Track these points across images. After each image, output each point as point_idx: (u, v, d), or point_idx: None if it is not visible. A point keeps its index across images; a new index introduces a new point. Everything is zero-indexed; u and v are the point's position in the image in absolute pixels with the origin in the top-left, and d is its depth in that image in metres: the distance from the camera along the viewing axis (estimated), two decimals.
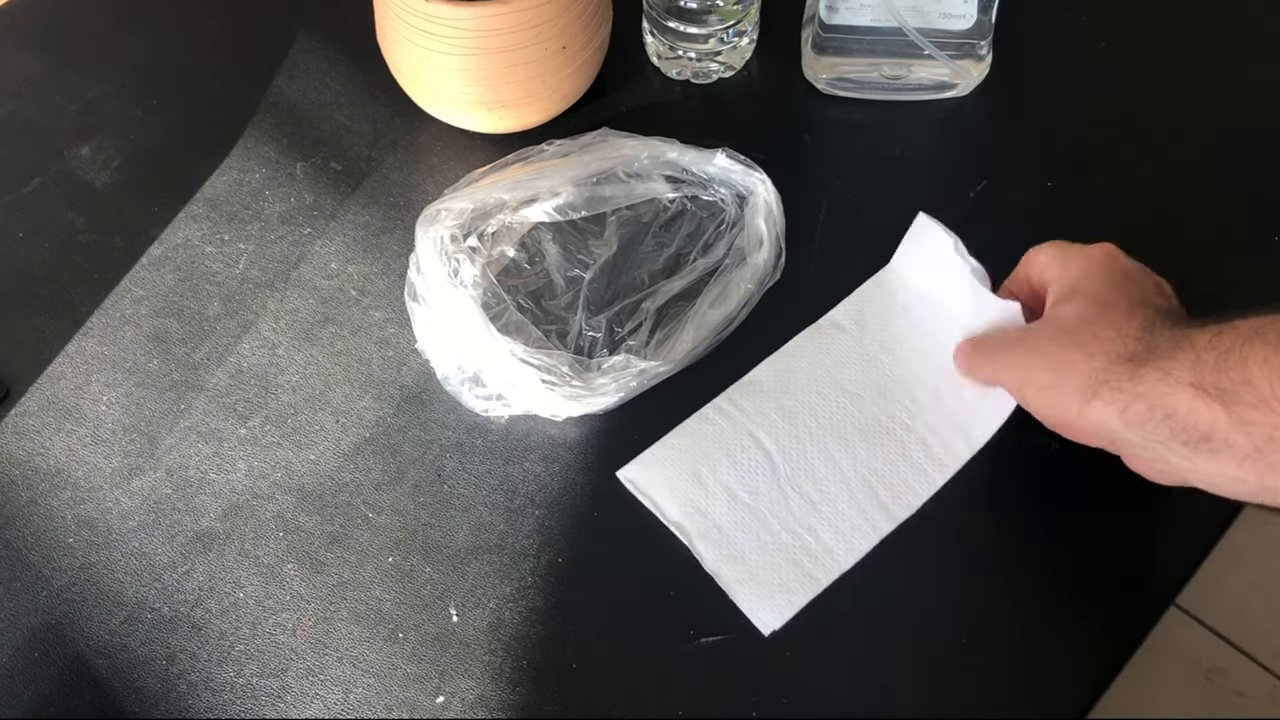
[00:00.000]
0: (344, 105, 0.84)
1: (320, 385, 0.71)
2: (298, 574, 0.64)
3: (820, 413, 0.67)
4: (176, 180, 0.80)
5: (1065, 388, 0.56)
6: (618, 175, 0.75)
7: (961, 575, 0.63)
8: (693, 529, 0.64)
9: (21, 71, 0.87)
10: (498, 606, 0.63)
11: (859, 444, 0.66)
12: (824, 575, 0.62)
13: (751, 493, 0.65)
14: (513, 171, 0.74)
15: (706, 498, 0.65)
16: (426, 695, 0.61)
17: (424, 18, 0.71)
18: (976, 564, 0.64)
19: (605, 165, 0.75)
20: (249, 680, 0.61)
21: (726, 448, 0.66)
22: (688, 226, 0.75)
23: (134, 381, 0.72)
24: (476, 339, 0.67)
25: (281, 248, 0.77)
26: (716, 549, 0.63)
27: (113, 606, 0.64)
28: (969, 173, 0.79)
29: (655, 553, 0.64)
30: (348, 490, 0.67)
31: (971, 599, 0.62)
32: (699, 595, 0.63)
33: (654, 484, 0.65)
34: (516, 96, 0.76)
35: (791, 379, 0.69)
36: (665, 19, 0.80)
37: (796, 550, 0.63)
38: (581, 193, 0.74)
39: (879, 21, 0.77)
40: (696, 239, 0.74)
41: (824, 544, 0.63)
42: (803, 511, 0.64)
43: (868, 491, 0.65)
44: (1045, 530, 0.65)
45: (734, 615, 0.62)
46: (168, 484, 0.68)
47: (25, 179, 0.81)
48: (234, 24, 0.89)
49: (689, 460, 0.66)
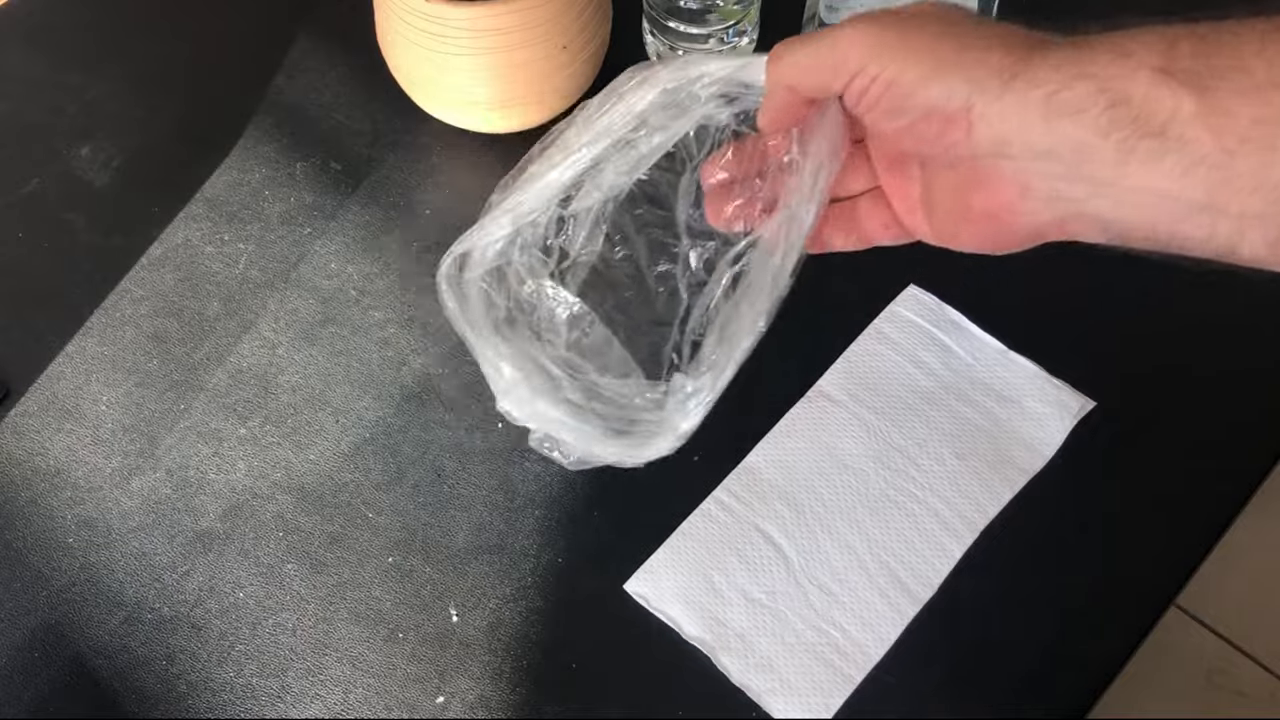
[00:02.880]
0: (344, 105, 0.84)
1: (320, 385, 0.71)
2: (298, 574, 0.64)
3: (825, 495, 0.65)
4: (176, 180, 0.80)
5: (975, 66, 0.41)
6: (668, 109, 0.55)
7: (961, 575, 0.63)
8: (715, 642, 0.61)
9: (21, 71, 0.87)
10: (498, 606, 0.63)
11: (870, 523, 0.64)
12: (856, 672, 0.60)
13: (769, 593, 0.62)
14: (538, 166, 0.59)
15: (723, 605, 0.62)
16: (426, 695, 0.61)
17: (424, 18, 0.71)
18: (976, 564, 0.64)
19: (646, 105, 0.55)
20: (249, 680, 0.61)
21: (735, 546, 0.64)
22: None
23: (134, 381, 0.72)
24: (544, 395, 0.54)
25: (281, 248, 0.77)
26: (742, 660, 0.60)
27: (112, 607, 0.64)
28: None
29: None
30: (348, 490, 0.67)
31: (972, 599, 0.62)
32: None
33: (666, 596, 0.62)
34: (517, 96, 0.76)
35: (790, 462, 0.67)
36: (665, 19, 0.80)
37: (824, 648, 0.61)
38: (630, 156, 0.56)
39: None
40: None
41: (851, 638, 0.61)
42: (824, 605, 0.62)
43: (887, 574, 0.63)
44: (1046, 530, 0.64)
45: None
46: (168, 484, 0.68)
47: (25, 179, 0.81)
48: (234, 24, 0.89)
49: (698, 565, 0.63)
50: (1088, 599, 0.62)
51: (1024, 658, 0.61)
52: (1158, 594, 0.63)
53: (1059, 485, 0.65)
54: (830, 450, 0.67)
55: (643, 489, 0.66)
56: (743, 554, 0.64)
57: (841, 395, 0.69)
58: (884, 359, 0.70)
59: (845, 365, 0.70)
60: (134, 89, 0.85)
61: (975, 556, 0.64)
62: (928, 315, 0.71)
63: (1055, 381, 0.68)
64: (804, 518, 0.65)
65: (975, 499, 0.65)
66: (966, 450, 0.66)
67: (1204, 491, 0.65)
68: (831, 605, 0.62)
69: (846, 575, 0.63)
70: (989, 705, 0.60)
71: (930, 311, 0.71)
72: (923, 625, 0.61)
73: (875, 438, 0.67)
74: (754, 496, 0.65)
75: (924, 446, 0.67)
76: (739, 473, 0.66)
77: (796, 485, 0.66)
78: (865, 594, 0.62)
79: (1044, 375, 0.68)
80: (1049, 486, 0.65)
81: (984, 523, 0.64)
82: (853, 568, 0.63)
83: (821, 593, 0.62)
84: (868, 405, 0.68)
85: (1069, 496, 0.65)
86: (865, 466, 0.66)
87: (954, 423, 0.67)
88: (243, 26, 0.89)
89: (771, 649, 0.61)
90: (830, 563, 0.63)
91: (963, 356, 0.69)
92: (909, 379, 0.69)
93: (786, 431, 0.68)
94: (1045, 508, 0.65)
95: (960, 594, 0.62)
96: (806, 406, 0.68)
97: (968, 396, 0.68)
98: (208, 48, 0.88)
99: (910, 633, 0.61)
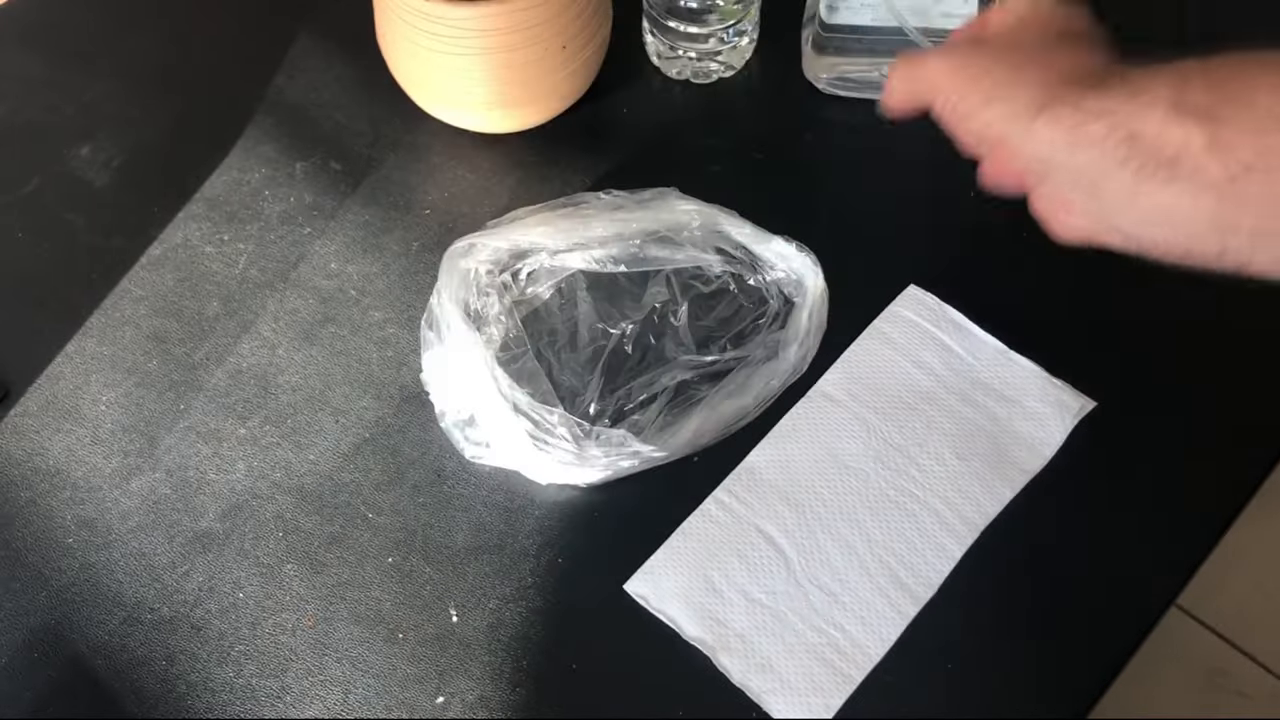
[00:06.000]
0: (344, 105, 0.84)
1: (320, 385, 0.71)
2: (298, 574, 0.64)
3: (826, 495, 0.65)
4: (176, 180, 0.80)
5: (1014, 99, 0.49)
6: (669, 238, 0.72)
7: (962, 575, 0.63)
8: (715, 642, 0.61)
9: (21, 71, 0.87)
10: (498, 606, 0.63)
11: (871, 523, 0.64)
12: (856, 671, 0.60)
13: (769, 593, 0.62)
14: (560, 215, 0.72)
15: (723, 605, 0.62)
16: (426, 695, 0.61)
17: (424, 18, 0.71)
18: (977, 564, 0.64)
19: (657, 225, 0.72)
20: (249, 680, 0.61)
21: (735, 547, 0.64)
22: (726, 309, 0.71)
23: (134, 381, 0.72)
24: (479, 379, 0.65)
25: (281, 248, 0.77)
26: (743, 660, 0.60)
27: (112, 607, 0.64)
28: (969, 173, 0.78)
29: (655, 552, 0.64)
30: (348, 490, 0.67)
31: (972, 599, 0.62)
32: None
33: (666, 596, 0.62)
34: (516, 96, 0.76)
35: (791, 462, 0.66)
36: (665, 19, 0.80)
37: (825, 648, 0.61)
38: (628, 248, 0.72)
39: (879, 21, 0.77)
40: (732, 325, 0.71)
41: (852, 638, 0.61)
42: (824, 605, 0.62)
43: (888, 574, 0.63)
44: (1046, 530, 0.64)
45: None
46: (167, 484, 0.68)
47: (25, 179, 0.81)
48: (234, 24, 0.89)
49: (698, 565, 0.63)
50: (1088, 599, 0.62)
51: (1024, 657, 0.61)
52: (1158, 594, 0.63)
53: (1059, 485, 0.65)
54: (830, 450, 0.67)
55: (642, 489, 0.66)
56: (743, 554, 0.64)
57: (842, 395, 0.69)
58: (884, 359, 0.70)
59: (845, 365, 0.70)
60: (134, 89, 0.85)
61: (975, 556, 0.64)
62: (928, 315, 0.71)
63: (1055, 381, 0.68)
64: (804, 518, 0.65)
65: (975, 499, 0.65)
66: (967, 450, 0.66)
67: (1204, 491, 0.65)
68: (832, 605, 0.62)
69: (847, 575, 0.63)
70: (989, 705, 0.60)
71: (930, 311, 0.71)
72: (923, 625, 0.61)
73: (875, 438, 0.67)
74: (754, 496, 0.65)
75: (924, 446, 0.66)
76: (739, 473, 0.66)
77: (796, 485, 0.66)
78: (865, 594, 0.62)
79: (1044, 375, 0.68)
80: (1049, 486, 0.65)
81: (984, 523, 0.64)
82: (853, 568, 0.63)
83: (822, 593, 0.62)
84: (868, 405, 0.68)
85: (1069, 496, 0.65)
86: (865, 466, 0.66)
87: (954, 423, 0.67)
88: (243, 26, 0.89)
89: (771, 649, 0.61)
90: (830, 563, 0.63)
91: (963, 356, 0.69)
92: (909, 379, 0.69)
93: (786, 432, 0.68)
94: (1045, 508, 0.65)
95: (960, 594, 0.62)
96: (806, 406, 0.68)
97: (968, 396, 0.68)
98: (208, 47, 0.88)
99: (910, 633, 0.61)
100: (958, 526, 0.64)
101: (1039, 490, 0.65)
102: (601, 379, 0.69)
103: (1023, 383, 0.68)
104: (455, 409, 0.67)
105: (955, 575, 0.63)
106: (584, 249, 0.72)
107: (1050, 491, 0.65)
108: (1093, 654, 0.61)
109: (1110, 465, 0.66)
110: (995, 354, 0.69)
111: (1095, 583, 0.63)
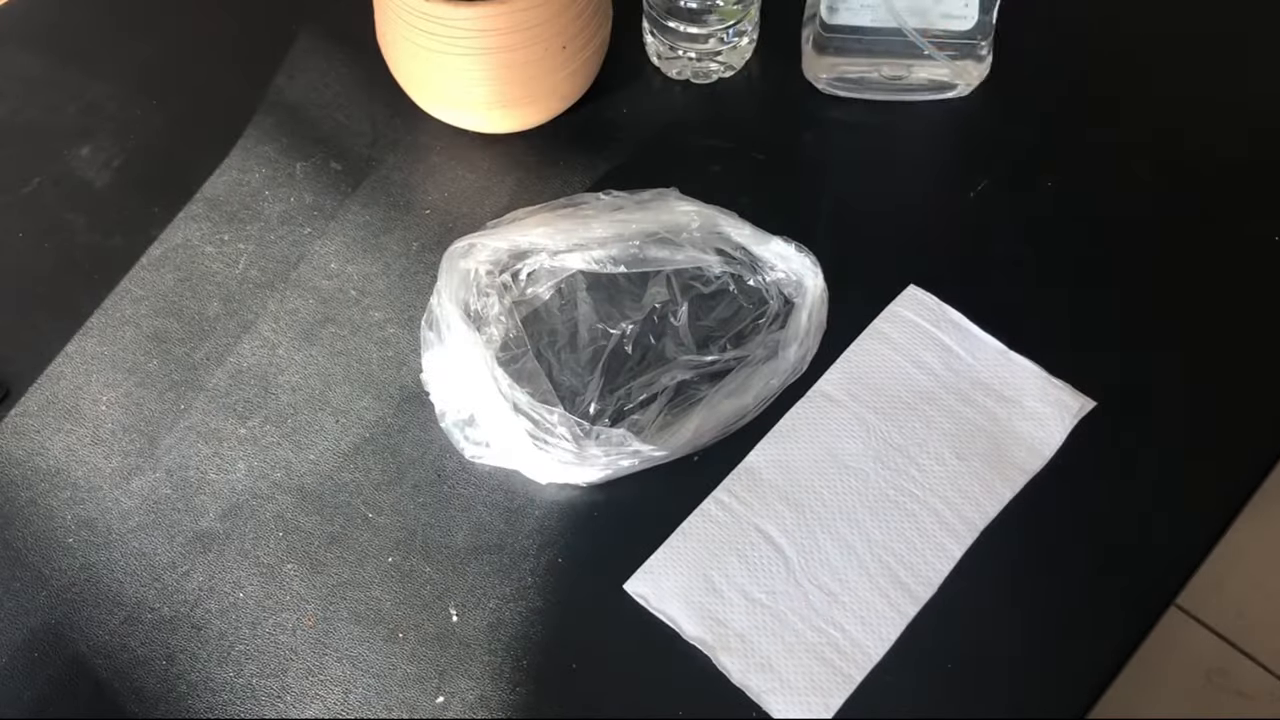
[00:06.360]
0: (344, 105, 0.84)
1: (320, 385, 0.71)
2: (298, 574, 0.64)
3: (825, 495, 0.65)
4: (176, 180, 0.80)
5: None
6: (669, 238, 0.72)
7: (962, 575, 0.63)
8: (715, 642, 0.61)
9: (21, 71, 0.87)
10: (498, 606, 0.63)
11: (871, 523, 0.64)
12: (856, 671, 0.60)
13: (769, 593, 0.62)
14: (560, 215, 0.72)
15: (723, 605, 0.62)
16: (426, 695, 0.61)
17: (424, 18, 0.71)
18: (976, 564, 0.64)
19: (657, 226, 0.72)
20: (249, 680, 0.61)
21: (735, 546, 0.64)
22: (726, 309, 0.71)
23: (134, 381, 0.72)
24: (479, 379, 0.65)
25: (281, 248, 0.77)
26: (742, 660, 0.60)
27: (112, 607, 0.64)
28: (969, 173, 0.79)
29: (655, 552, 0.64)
30: (348, 490, 0.67)
31: (972, 599, 0.62)
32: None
33: (666, 596, 0.62)
34: (516, 96, 0.76)
35: (790, 462, 0.66)
36: (665, 19, 0.80)
37: (824, 648, 0.61)
38: (628, 249, 0.72)
39: (879, 22, 0.77)
40: (731, 325, 0.71)
41: (852, 638, 0.61)
42: (824, 605, 0.62)
43: (887, 574, 0.63)
44: (1046, 530, 0.64)
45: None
46: (167, 484, 0.68)
47: (25, 179, 0.81)
48: (234, 24, 0.89)
49: (698, 564, 0.63)
50: (1088, 599, 0.62)
51: (1024, 658, 0.61)
52: (1158, 594, 0.63)
53: (1059, 485, 0.65)
54: (830, 450, 0.67)
55: (642, 488, 0.66)
56: (743, 554, 0.64)
57: (841, 395, 0.69)
58: (884, 359, 0.70)
59: (845, 365, 0.70)
60: (134, 89, 0.85)
61: (975, 556, 0.64)
62: (928, 315, 0.71)
63: (1055, 381, 0.68)
64: (804, 518, 0.65)
65: (975, 499, 0.65)
66: (966, 450, 0.66)
67: (1204, 491, 0.65)
68: (831, 605, 0.62)
69: (846, 575, 0.63)
70: (989, 705, 0.60)
71: (930, 311, 0.71)
72: (923, 625, 0.61)
73: (875, 438, 0.67)
74: (754, 496, 0.65)
75: (924, 446, 0.66)
76: (739, 473, 0.66)
77: (796, 485, 0.66)
78: (865, 594, 0.62)
79: (1044, 375, 0.68)
80: (1049, 486, 0.65)
81: (984, 523, 0.64)
82: (853, 567, 0.63)
83: (822, 593, 0.62)
84: (868, 405, 0.68)
85: (1069, 496, 0.65)
86: (865, 466, 0.66)
87: (954, 423, 0.67)
88: (242, 26, 0.89)
89: (771, 649, 0.61)
90: (830, 563, 0.63)
91: (963, 356, 0.69)
92: (909, 379, 0.69)
93: (786, 431, 0.68)
94: (1045, 508, 0.65)
95: (960, 594, 0.62)
96: (806, 406, 0.68)
97: (968, 396, 0.68)
98: (208, 47, 0.88)
99: (910, 633, 0.61)
100: (958, 526, 0.64)
101: (1039, 490, 0.65)
102: (601, 379, 0.69)
103: (1022, 383, 0.68)
104: (455, 409, 0.67)
105: (955, 575, 0.63)
106: (584, 249, 0.72)
107: (1050, 491, 0.65)
108: (1092, 654, 0.61)
109: (1110, 465, 0.66)
110: (995, 354, 0.69)
111: (1095, 583, 0.63)
